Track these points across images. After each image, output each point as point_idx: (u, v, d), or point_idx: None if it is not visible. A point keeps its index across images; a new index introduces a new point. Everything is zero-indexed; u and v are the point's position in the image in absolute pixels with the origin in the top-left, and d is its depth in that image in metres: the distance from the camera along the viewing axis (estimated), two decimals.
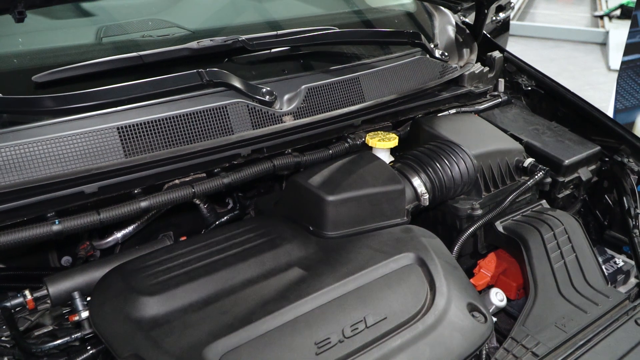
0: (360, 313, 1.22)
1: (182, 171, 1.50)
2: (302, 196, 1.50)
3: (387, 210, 1.51)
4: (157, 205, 1.46)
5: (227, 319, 1.17)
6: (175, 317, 1.17)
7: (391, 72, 1.89)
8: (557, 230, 1.60)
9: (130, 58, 1.55)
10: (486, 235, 1.72)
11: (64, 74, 1.46)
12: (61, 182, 1.30)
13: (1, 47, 1.55)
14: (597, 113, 2.03)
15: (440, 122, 1.87)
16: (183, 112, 1.48)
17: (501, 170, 1.75)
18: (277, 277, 1.30)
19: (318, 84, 1.72)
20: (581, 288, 1.41)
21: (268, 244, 1.39)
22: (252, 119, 1.57)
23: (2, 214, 1.27)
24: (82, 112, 1.41)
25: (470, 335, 1.25)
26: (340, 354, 1.14)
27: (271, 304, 1.21)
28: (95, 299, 1.28)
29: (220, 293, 1.24)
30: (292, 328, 1.16)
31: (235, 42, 1.70)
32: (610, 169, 1.98)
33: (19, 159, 1.28)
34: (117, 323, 1.19)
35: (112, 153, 1.38)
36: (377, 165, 1.59)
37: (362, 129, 1.85)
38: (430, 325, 1.23)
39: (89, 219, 1.36)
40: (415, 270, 1.35)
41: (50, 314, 1.49)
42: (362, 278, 1.30)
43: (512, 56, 2.29)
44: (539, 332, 1.28)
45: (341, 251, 1.39)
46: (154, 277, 1.26)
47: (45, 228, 1.30)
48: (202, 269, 1.29)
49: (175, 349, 1.10)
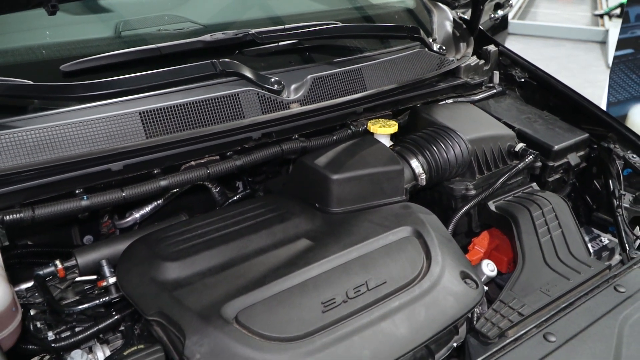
0: (363, 278, 1.34)
1: (197, 153, 1.62)
2: (309, 175, 1.63)
3: (387, 188, 1.63)
4: (175, 185, 1.58)
5: (242, 282, 1.30)
6: (195, 280, 1.30)
7: (391, 64, 2.01)
8: (546, 209, 1.72)
9: (150, 49, 1.67)
10: (480, 215, 1.84)
11: (89, 64, 1.59)
12: (90, 160, 1.43)
13: (31, 40, 1.68)
14: (586, 103, 2.15)
15: (438, 109, 2.00)
16: (198, 99, 1.61)
17: (494, 154, 1.88)
18: (287, 246, 1.43)
19: (323, 74, 1.84)
20: (565, 259, 1.53)
21: (278, 218, 1.52)
22: (262, 106, 1.69)
23: (37, 189, 1.40)
24: (107, 99, 1.54)
25: (462, 299, 1.37)
26: (344, 312, 1.26)
27: (281, 269, 1.34)
28: (122, 265, 1.41)
29: (235, 260, 1.37)
30: (301, 290, 1.29)
31: (246, 35, 1.82)
32: (599, 156, 2.10)
33: (51, 139, 1.40)
34: (142, 285, 1.32)
35: (134, 135, 1.50)
36: (378, 148, 1.71)
37: (364, 117, 1.97)
38: (426, 289, 1.36)
39: (114, 196, 1.49)
40: (413, 242, 1.47)
41: (73, 290, 1.61)
42: (364, 248, 1.42)
43: (507, 50, 2.41)
44: (525, 296, 1.40)
45: (345, 225, 1.52)
46: (176, 245, 1.39)
47: (75, 203, 1.43)
48: (219, 238, 1.42)
49: (196, 307, 1.22)
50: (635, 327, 1.32)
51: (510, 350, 1.24)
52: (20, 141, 1.37)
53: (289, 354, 1.16)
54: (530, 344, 1.25)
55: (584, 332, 1.29)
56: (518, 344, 1.26)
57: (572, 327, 1.30)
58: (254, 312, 1.22)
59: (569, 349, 1.24)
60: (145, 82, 1.58)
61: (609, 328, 1.30)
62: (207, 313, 1.21)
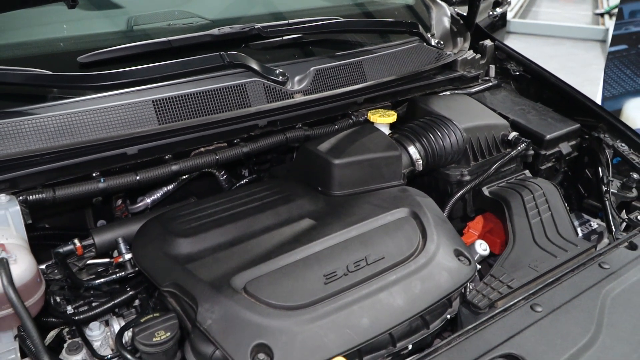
0: (362, 253, 1.44)
1: (207, 139, 1.72)
2: (312, 160, 1.72)
3: (386, 173, 1.73)
4: (186, 169, 1.68)
5: (250, 256, 1.39)
6: (206, 255, 1.40)
7: (391, 57, 2.10)
8: (537, 193, 1.81)
9: (161, 42, 1.76)
10: (474, 200, 1.93)
11: (104, 56, 1.68)
12: (107, 144, 1.52)
13: (50, 33, 1.77)
14: (578, 95, 2.24)
15: (435, 100, 2.10)
16: (207, 88, 1.70)
17: (488, 143, 1.97)
18: (291, 225, 1.52)
19: (325, 66, 1.93)
20: (554, 238, 1.63)
21: (283, 199, 1.61)
22: (267, 95, 1.78)
23: (57, 171, 1.49)
24: (122, 88, 1.63)
25: (456, 274, 1.47)
26: (344, 284, 1.36)
27: (286, 245, 1.44)
28: (137, 242, 1.51)
29: (243, 237, 1.47)
30: (304, 263, 1.38)
31: (252, 29, 1.91)
32: (590, 145, 2.19)
33: (71, 125, 1.49)
34: (157, 260, 1.42)
35: (148, 121, 1.59)
36: (378, 135, 1.81)
37: (364, 108, 2.06)
38: (421, 264, 1.45)
39: (128, 179, 1.58)
40: (410, 222, 1.57)
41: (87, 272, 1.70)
42: (363, 227, 1.52)
43: (502, 44, 2.50)
44: (514, 271, 1.49)
45: (346, 206, 1.61)
46: (187, 223, 1.49)
47: (92, 185, 1.53)
48: (227, 217, 1.52)
49: (207, 278, 1.32)
50: (617, 300, 1.41)
51: (499, 319, 1.33)
52: (42, 127, 1.46)
53: (294, 320, 1.25)
54: (518, 314, 1.34)
55: (569, 304, 1.38)
56: (507, 313, 1.35)
57: (558, 299, 1.39)
58: (261, 283, 1.31)
59: (554, 318, 1.33)
60: (158, 73, 1.67)
61: (592, 300, 1.39)
62: (217, 283, 1.30)
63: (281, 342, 1.21)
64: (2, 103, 1.51)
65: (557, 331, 1.29)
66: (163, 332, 1.24)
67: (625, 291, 1.44)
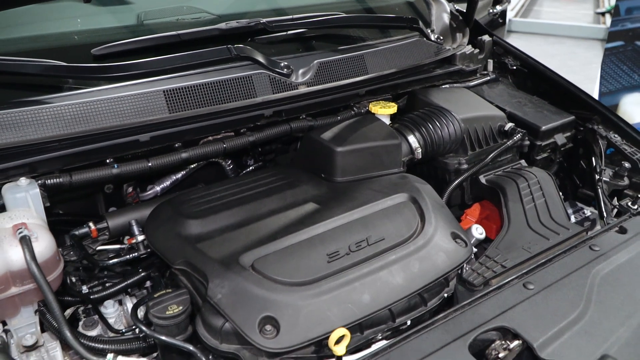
0: (363, 235, 1.51)
1: (215, 128, 1.79)
2: (316, 148, 1.80)
3: (386, 160, 1.81)
4: (195, 157, 1.76)
5: (257, 236, 1.47)
6: (216, 235, 1.48)
7: (391, 51, 2.18)
8: (531, 181, 1.88)
9: (171, 36, 1.84)
10: (472, 188, 2.01)
11: (117, 48, 1.75)
12: (120, 131, 1.60)
13: (65, 27, 1.85)
14: (573, 88, 2.32)
15: (434, 93, 2.17)
16: (215, 79, 1.77)
17: (485, 133, 2.04)
18: (296, 208, 1.60)
19: (328, 59, 2.00)
20: (547, 222, 1.70)
21: (288, 185, 1.69)
22: (273, 87, 1.86)
23: (74, 157, 1.57)
24: (134, 79, 1.70)
25: (453, 255, 1.55)
26: (346, 263, 1.44)
27: (291, 227, 1.51)
28: (149, 223, 1.59)
29: (250, 219, 1.54)
30: (309, 243, 1.46)
31: (257, 24, 1.98)
32: (584, 137, 2.26)
33: (86, 113, 1.57)
34: (169, 240, 1.49)
35: (159, 110, 1.66)
36: (378, 125, 1.89)
37: (366, 100, 2.14)
38: (420, 245, 1.53)
39: (141, 165, 1.66)
40: (409, 206, 1.64)
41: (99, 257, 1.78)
42: (365, 210, 1.60)
43: (500, 39, 2.58)
44: (508, 252, 1.57)
45: (348, 191, 1.69)
46: (198, 206, 1.57)
47: (107, 170, 1.61)
48: (235, 201, 1.60)
49: (217, 256, 1.40)
50: (606, 279, 1.48)
51: (493, 295, 1.40)
52: (59, 114, 1.54)
53: (299, 295, 1.33)
54: (511, 291, 1.42)
55: (560, 282, 1.45)
56: (500, 291, 1.42)
57: (549, 277, 1.46)
58: (268, 261, 1.39)
59: (545, 295, 1.40)
60: (168, 65, 1.75)
61: (582, 279, 1.47)
62: (227, 261, 1.38)
63: (287, 315, 1.29)
64: (21, 93, 1.59)
65: (547, 307, 1.36)
66: (175, 306, 1.31)
67: (614, 271, 1.51)
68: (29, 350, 1.37)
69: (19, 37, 1.75)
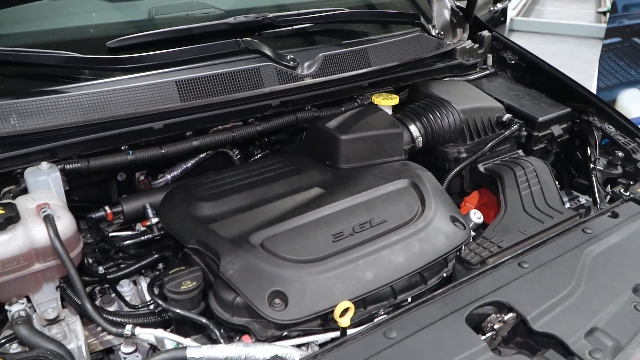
0: (366, 217, 1.59)
1: (224, 117, 1.87)
2: (321, 137, 1.88)
3: (389, 149, 1.88)
4: (205, 145, 1.83)
5: (266, 218, 1.55)
6: (227, 216, 1.56)
7: (393, 45, 2.25)
8: (528, 169, 1.96)
9: (182, 29, 1.92)
10: (471, 176, 2.09)
11: (131, 41, 1.84)
12: (135, 119, 1.68)
13: (81, 21, 1.93)
14: (569, 81, 2.39)
15: (435, 85, 2.25)
16: (225, 71, 1.85)
17: (483, 123, 2.12)
18: (302, 193, 1.68)
19: (333, 52, 2.08)
20: (542, 207, 1.77)
21: (294, 171, 1.77)
22: (280, 78, 1.94)
23: (91, 143, 1.65)
24: (147, 70, 1.79)
25: (452, 237, 1.63)
26: (350, 242, 1.52)
27: (298, 209, 1.59)
28: (163, 206, 1.67)
29: (259, 201, 1.63)
30: (315, 224, 1.54)
31: (265, 18, 2.07)
32: (580, 128, 2.33)
33: (103, 102, 1.65)
34: (182, 221, 1.58)
35: (171, 99, 1.75)
36: (381, 114, 1.97)
37: (369, 91, 2.22)
38: (420, 227, 1.61)
39: (154, 152, 1.74)
40: (410, 191, 1.72)
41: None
42: (367, 195, 1.68)
43: (499, 35, 2.65)
44: (505, 234, 1.64)
45: (352, 177, 1.77)
46: (209, 189, 1.65)
47: (122, 157, 1.69)
48: (245, 185, 1.68)
49: (228, 235, 1.48)
50: (597, 259, 1.55)
51: (489, 273, 1.47)
52: (77, 103, 1.62)
53: (306, 271, 1.41)
54: (506, 269, 1.49)
55: (553, 261, 1.52)
56: (496, 269, 1.49)
57: (543, 257, 1.54)
58: (277, 240, 1.47)
59: (539, 273, 1.48)
60: (180, 57, 1.83)
61: (574, 258, 1.54)
62: (237, 240, 1.46)
63: (295, 289, 1.37)
64: (41, 82, 1.67)
65: (540, 283, 1.44)
66: (189, 282, 1.39)
67: (605, 252, 1.58)
68: (51, 324, 1.45)
69: (38, 31, 1.84)
